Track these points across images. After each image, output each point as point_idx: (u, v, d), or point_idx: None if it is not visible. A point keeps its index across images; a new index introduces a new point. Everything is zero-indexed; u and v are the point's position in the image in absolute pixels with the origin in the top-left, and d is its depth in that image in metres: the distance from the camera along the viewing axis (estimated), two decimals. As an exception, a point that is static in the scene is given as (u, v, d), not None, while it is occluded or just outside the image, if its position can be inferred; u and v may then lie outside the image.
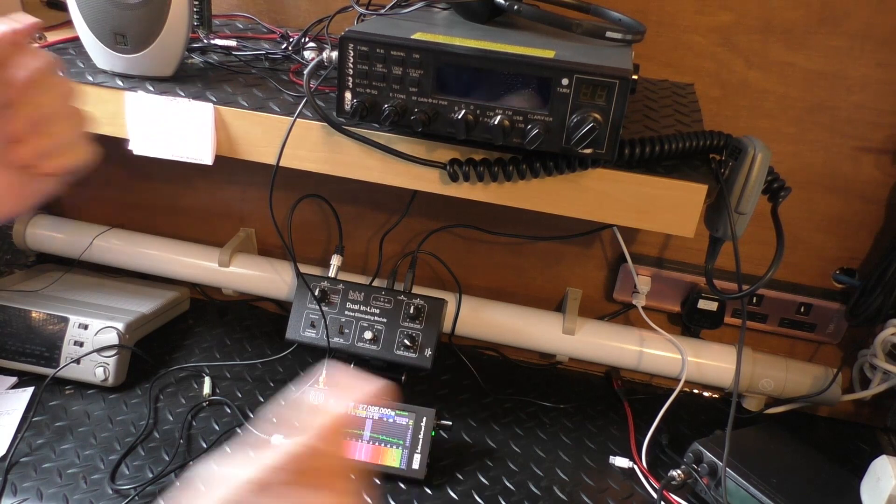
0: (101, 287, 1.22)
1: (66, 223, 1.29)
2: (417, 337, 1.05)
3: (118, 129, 0.85)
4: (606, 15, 0.91)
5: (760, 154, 0.80)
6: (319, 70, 0.82)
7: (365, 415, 0.97)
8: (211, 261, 1.22)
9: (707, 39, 1.04)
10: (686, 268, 1.18)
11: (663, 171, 0.76)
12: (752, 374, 1.13)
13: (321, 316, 1.07)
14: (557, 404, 1.15)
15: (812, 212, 1.11)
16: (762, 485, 0.90)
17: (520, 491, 0.97)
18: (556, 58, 0.70)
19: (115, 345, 1.05)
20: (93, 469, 0.93)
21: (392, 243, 1.24)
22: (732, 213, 0.82)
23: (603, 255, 1.21)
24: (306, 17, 1.14)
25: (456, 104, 0.72)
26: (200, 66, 0.94)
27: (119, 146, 0.87)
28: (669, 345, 1.13)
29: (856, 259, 1.13)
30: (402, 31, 0.75)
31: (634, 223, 0.78)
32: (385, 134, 0.79)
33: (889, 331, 1.07)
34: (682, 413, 1.16)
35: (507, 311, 1.17)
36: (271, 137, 0.82)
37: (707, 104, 1.04)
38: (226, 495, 0.43)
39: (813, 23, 1.01)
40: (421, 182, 0.80)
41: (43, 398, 1.04)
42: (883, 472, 0.90)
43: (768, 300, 1.16)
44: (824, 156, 1.07)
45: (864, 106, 1.04)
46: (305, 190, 1.17)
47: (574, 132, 0.70)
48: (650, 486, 0.99)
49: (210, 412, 1.06)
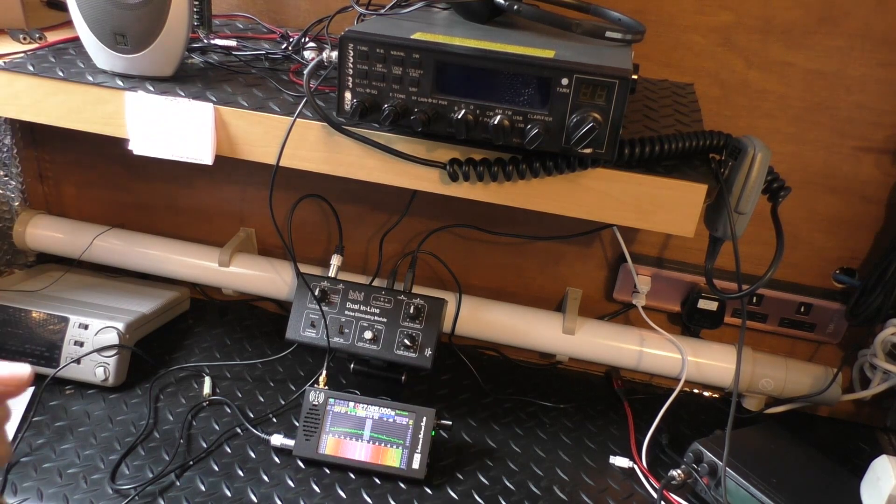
0: (101, 287, 1.22)
1: (66, 223, 1.29)
2: (417, 337, 1.05)
3: (118, 129, 0.85)
4: (606, 15, 0.91)
5: (760, 154, 0.80)
6: (319, 70, 0.82)
7: (365, 414, 0.97)
8: (211, 261, 1.22)
9: (707, 39, 1.04)
10: (686, 268, 1.18)
11: (663, 171, 0.76)
12: (752, 373, 1.13)
13: (321, 316, 1.07)
14: (557, 404, 1.15)
15: (812, 212, 1.11)
16: (762, 485, 0.90)
17: (520, 491, 0.97)
18: (555, 58, 0.70)
19: (115, 345, 1.05)
20: (93, 469, 0.93)
21: (392, 243, 1.25)
22: (732, 212, 0.82)
23: (603, 255, 1.21)
24: (306, 17, 1.14)
25: (456, 104, 0.72)
26: (200, 66, 0.94)
27: (119, 146, 0.87)
28: (669, 344, 1.13)
29: (856, 259, 1.13)
30: (401, 31, 0.75)
31: (634, 223, 0.78)
32: (385, 134, 0.79)
33: (889, 331, 1.07)
34: (682, 413, 1.16)
35: (507, 311, 1.17)
36: (271, 137, 0.82)
37: (707, 104, 1.04)
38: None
39: (813, 22, 1.01)
40: (421, 182, 0.80)
41: (43, 398, 1.04)
42: (883, 472, 0.90)
43: (768, 300, 1.16)
44: (824, 156, 1.08)
45: (864, 106, 1.04)
46: (305, 190, 1.17)
47: (574, 132, 0.70)
48: (650, 486, 0.99)
49: (210, 412, 1.06)
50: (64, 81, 0.84)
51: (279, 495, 0.92)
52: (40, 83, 0.85)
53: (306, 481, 0.94)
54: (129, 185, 1.32)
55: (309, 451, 0.96)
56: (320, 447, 0.96)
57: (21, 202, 1.30)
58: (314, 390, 0.99)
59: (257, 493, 0.92)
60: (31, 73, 0.85)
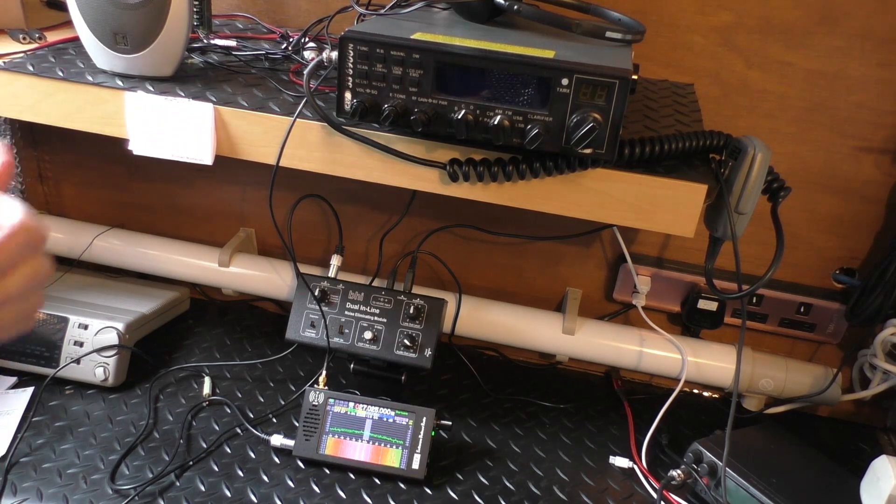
0: (100, 287, 1.22)
1: (66, 223, 1.29)
2: (417, 337, 1.05)
3: (118, 130, 0.85)
4: (606, 15, 0.91)
5: (760, 154, 0.80)
6: (319, 70, 0.82)
7: (365, 415, 0.97)
8: (211, 261, 1.22)
9: (707, 39, 1.04)
10: (686, 268, 1.18)
11: (663, 171, 0.76)
12: (751, 373, 1.13)
13: (321, 316, 1.07)
14: (557, 404, 1.15)
15: (812, 212, 1.11)
16: (762, 485, 0.90)
17: (520, 491, 0.97)
18: (555, 58, 0.70)
19: (115, 345, 1.05)
20: (93, 469, 0.93)
21: (392, 243, 1.25)
22: (732, 213, 0.82)
23: (603, 255, 1.21)
24: (306, 17, 1.14)
25: (456, 104, 0.72)
26: (200, 66, 0.94)
27: (119, 146, 0.87)
28: (669, 345, 1.13)
29: (856, 259, 1.13)
30: (401, 31, 0.75)
31: (634, 223, 0.78)
32: (385, 134, 0.79)
33: (889, 331, 1.07)
34: (682, 413, 1.16)
35: (507, 311, 1.17)
36: (271, 137, 0.82)
37: (707, 104, 1.04)
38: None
39: (813, 22, 1.01)
40: (421, 182, 0.80)
41: (43, 398, 1.04)
42: (883, 472, 0.90)
43: (768, 300, 1.16)
44: (824, 156, 1.07)
45: (864, 106, 1.04)
46: (305, 190, 1.17)
47: (574, 132, 0.70)
48: (650, 486, 0.99)
49: (210, 412, 1.06)
50: (64, 81, 0.84)
51: (279, 495, 0.92)
52: (40, 83, 0.85)
53: (306, 481, 0.94)
54: (129, 185, 1.32)
55: (309, 451, 0.96)
56: (320, 447, 0.96)
57: (21, 202, 1.30)
58: (314, 390, 0.99)
59: (257, 494, 0.92)
60: (30, 73, 0.85)
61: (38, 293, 0.52)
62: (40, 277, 0.51)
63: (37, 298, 0.53)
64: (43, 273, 0.51)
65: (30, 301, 0.51)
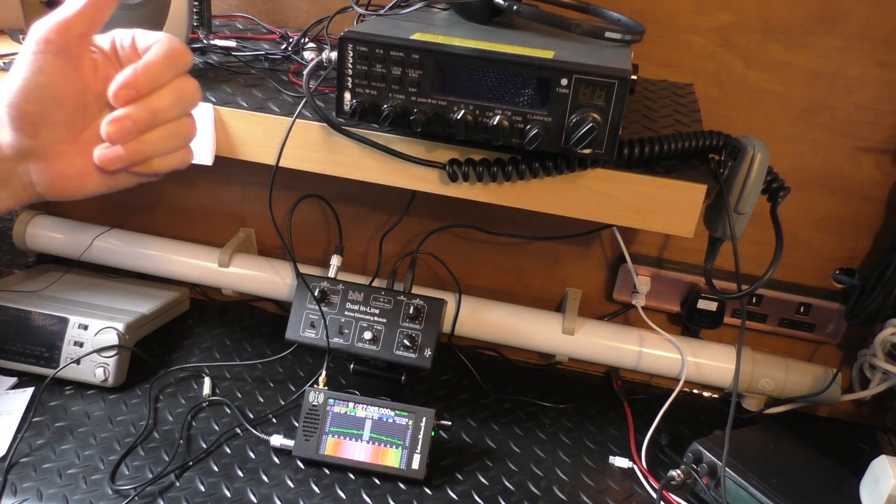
0: (101, 287, 1.22)
1: (66, 223, 1.29)
2: (417, 337, 1.05)
3: (118, 130, 0.85)
4: (605, 15, 0.91)
5: (760, 154, 0.80)
6: (319, 70, 0.82)
7: (365, 415, 0.97)
8: (211, 261, 1.22)
9: (706, 39, 1.04)
10: (685, 268, 1.18)
11: (662, 172, 0.76)
12: (751, 373, 1.13)
13: (321, 316, 1.07)
14: (557, 404, 1.15)
15: (812, 212, 1.11)
16: (762, 485, 0.90)
17: (520, 491, 0.97)
18: (555, 58, 0.70)
19: (115, 345, 1.05)
20: (93, 469, 0.93)
21: (392, 243, 1.25)
22: (732, 213, 0.82)
23: (603, 255, 1.21)
24: (306, 18, 1.14)
25: (455, 104, 0.73)
26: (200, 66, 0.94)
27: (119, 146, 0.87)
28: (669, 345, 1.13)
29: (856, 259, 1.13)
30: (401, 32, 0.75)
31: (634, 223, 0.78)
32: (384, 134, 0.79)
33: (889, 331, 1.07)
34: (681, 413, 1.16)
35: (507, 311, 1.17)
36: (271, 138, 0.82)
37: (706, 104, 1.04)
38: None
39: (812, 23, 1.01)
40: (420, 182, 0.80)
41: (43, 398, 1.04)
42: (882, 472, 0.90)
43: (768, 300, 1.16)
44: (824, 156, 1.08)
45: (863, 106, 1.04)
46: (305, 190, 1.17)
47: (573, 132, 0.70)
48: (650, 486, 0.99)
49: (210, 412, 1.06)
50: (64, 82, 0.84)
51: (279, 496, 0.92)
52: (40, 84, 0.85)
53: (306, 482, 0.95)
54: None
55: (309, 451, 0.96)
56: (320, 447, 0.96)
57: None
58: (314, 391, 0.99)
59: (257, 494, 0.92)
60: (30, 73, 0.85)
61: (188, 119, 0.54)
62: (188, 97, 0.53)
63: (188, 124, 0.54)
64: (189, 92, 0.53)
65: (181, 124, 0.53)
